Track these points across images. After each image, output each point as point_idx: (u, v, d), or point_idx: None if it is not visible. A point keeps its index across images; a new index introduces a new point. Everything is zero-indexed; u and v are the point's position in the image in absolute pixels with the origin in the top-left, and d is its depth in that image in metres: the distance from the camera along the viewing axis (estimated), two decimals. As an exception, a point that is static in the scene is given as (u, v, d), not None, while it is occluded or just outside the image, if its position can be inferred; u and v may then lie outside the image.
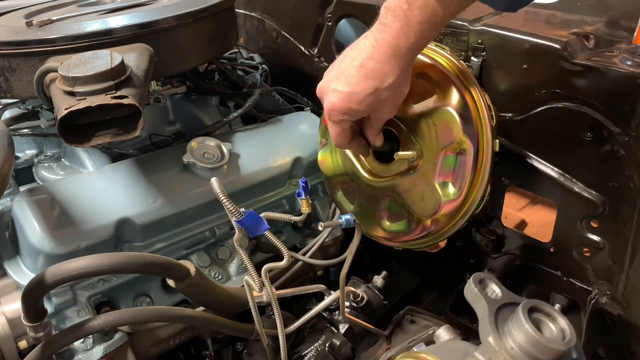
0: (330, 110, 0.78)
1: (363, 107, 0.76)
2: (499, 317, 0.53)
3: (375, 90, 0.74)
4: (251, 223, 0.77)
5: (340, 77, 0.76)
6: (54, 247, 0.84)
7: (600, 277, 0.84)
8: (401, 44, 0.71)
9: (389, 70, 0.73)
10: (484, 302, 0.54)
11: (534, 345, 0.49)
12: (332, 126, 0.81)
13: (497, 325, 0.52)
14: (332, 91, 0.77)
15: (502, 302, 0.54)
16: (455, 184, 0.85)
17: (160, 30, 0.94)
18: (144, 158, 1.02)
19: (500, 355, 0.50)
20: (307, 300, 1.13)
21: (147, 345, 0.93)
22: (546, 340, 0.48)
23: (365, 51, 0.74)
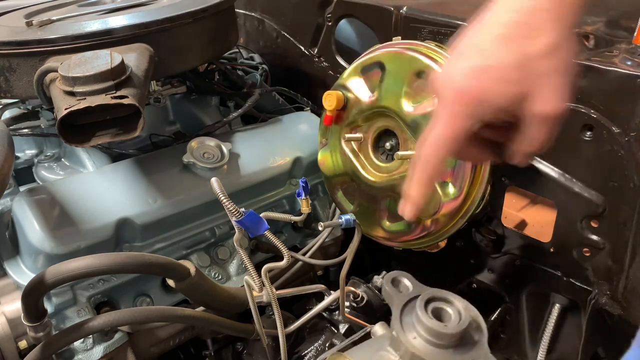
0: (457, 97, 0.53)
1: (508, 87, 0.51)
2: (406, 310, 0.56)
3: (525, 57, 0.50)
4: (251, 223, 0.77)
5: (469, 49, 0.54)
6: (54, 247, 0.84)
7: (600, 277, 0.84)
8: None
9: (545, 25, 0.50)
10: (392, 299, 0.57)
11: (429, 332, 0.52)
12: (448, 123, 0.54)
13: (403, 319, 0.55)
14: (458, 69, 0.54)
15: (410, 296, 0.57)
16: (455, 184, 0.85)
17: (160, 30, 0.94)
18: (144, 158, 1.02)
19: (402, 346, 0.53)
20: (307, 300, 1.13)
21: (147, 345, 0.93)
22: (439, 326, 0.51)
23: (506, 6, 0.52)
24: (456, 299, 0.55)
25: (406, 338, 0.53)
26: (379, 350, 0.56)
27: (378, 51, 0.94)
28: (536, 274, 0.93)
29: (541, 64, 0.51)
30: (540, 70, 0.51)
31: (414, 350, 0.51)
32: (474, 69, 0.52)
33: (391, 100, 0.90)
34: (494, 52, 0.52)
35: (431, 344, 0.52)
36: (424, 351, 0.51)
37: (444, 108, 0.55)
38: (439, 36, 0.93)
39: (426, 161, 0.57)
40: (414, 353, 0.51)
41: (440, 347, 0.51)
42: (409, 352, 0.52)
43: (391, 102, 0.90)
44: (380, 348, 0.56)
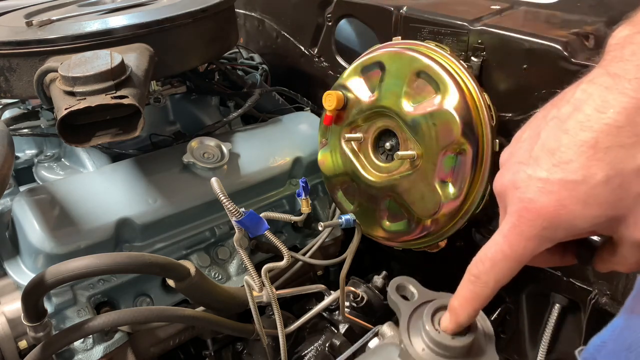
0: (523, 213, 0.43)
1: (597, 210, 0.41)
2: (414, 319, 0.54)
3: (622, 173, 0.39)
4: (251, 223, 0.77)
5: (544, 156, 0.42)
6: (54, 247, 0.84)
7: (600, 277, 0.84)
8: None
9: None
10: (399, 307, 0.55)
11: (437, 345, 0.51)
12: (512, 243, 0.45)
13: (410, 328, 0.53)
14: (530, 180, 0.43)
15: (417, 303, 0.56)
16: (455, 184, 0.85)
17: (160, 30, 0.94)
18: (144, 158, 1.02)
19: (411, 358, 0.51)
20: (307, 300, 1.13)
21: (147, 345, 0.93)
22: (446, 339, 0.50)
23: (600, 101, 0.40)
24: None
25: (415, 351, 0.52)
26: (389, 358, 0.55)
27: (378, 51, 0.94)
28: (536, 274, 0.93)
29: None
30: (639, 191, 0.40)
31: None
32: (553, 184, 0.41)
33: (391, 100, 0.90)
34: (580, 165, 0.40)
35: (440, 356, 0.51)
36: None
37: (510, 224, 0.45)
38: (439, 36, 0.93)
39: (476, 278, 0.48)
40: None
41: (449, 357, 0.51)
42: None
43: (391, 102, 0.90)
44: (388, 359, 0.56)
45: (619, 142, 0.39)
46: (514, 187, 0.44)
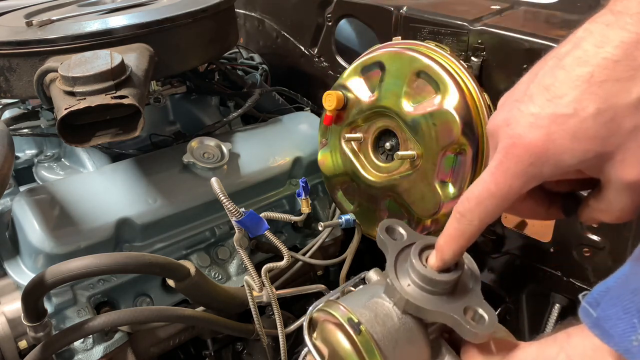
0: (510, 149, 0.42)
1: (586, 144, 0.40)
2: (401, 258, 0.55)
3: (614, 107, 0.38)
4: (251, 223, 0.77)
5: (538, 91, 0.42)
6: (54, 247, 0.84)
7: (600, 277, 0.84)
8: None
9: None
10: (387, 247, 0.56)
11: (422, 279, 0.51)
12: (496, 180, 0.44)
13: (397, 266, 0.54)
14: (522, 116, 0.42)
15: (405, 243, 0.56)
16: (455, 184, 0.85)
17: (160, 30, 0.94)
18: (144, 158, 1.02)
19: (397, 292, 0.52)
20: (307, 300, 1.13)
21: (147, 345, 0.93)
22: (432, 273, 0.51)
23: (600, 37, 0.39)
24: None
25: (400, 285, 0.52)
26: (373, 297, 0.56)
27: (378, 51, 0.94)
28: (536, 274, 0.93)
29: (634, 118, 0.38)
30: (631, 127, 0.38)
31: (408, 297, 0.51)
32: (544, 118, 0.40)
33: (391, 100, 0.90)
34: (573, 98, 0.39)
35: (425, 291, 0.51)
36: (417, 298, 0.51)
37: (497, 161, 0.43)
38: (439, 36, 0.93)
39: (461, 216, 0.47)
40: (408, 300, 0.51)
41: (434, 293, 0.51)
42: (403, 299, 0.52)
43: (391, 102, 0.90)
44: (374, 295, 0.56)
45: (615, 76, 0.38)
46: (505, 124, 0.43)
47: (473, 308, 0.50)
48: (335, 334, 0.54)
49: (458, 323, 0.49)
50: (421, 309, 0.51)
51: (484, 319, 0.49)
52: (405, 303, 0.52)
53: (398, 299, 0.53)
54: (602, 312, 0.40)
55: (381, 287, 0.57)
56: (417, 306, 0.51)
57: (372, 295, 0.56)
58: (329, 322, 0.56)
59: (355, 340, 0.52)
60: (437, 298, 0.51)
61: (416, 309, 0.51)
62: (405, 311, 0.53)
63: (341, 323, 0.53)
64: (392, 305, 0.54)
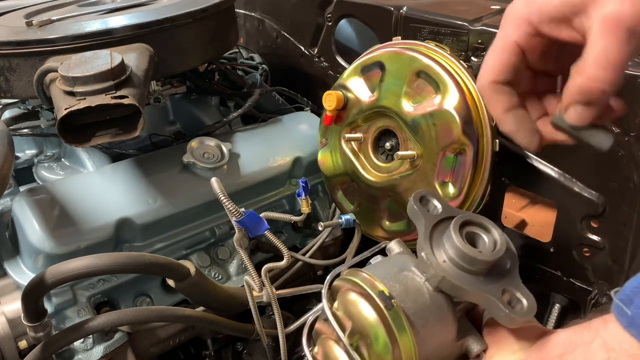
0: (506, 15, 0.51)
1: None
2: (436, 232, 0.52)
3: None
4: (251, 223, 0.77)
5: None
6: (54, 247, 0.84)
7: (600, 277, 0.84)
8: None
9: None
10: (421, 217, 0.53)
11: (462, 257, 0.49)
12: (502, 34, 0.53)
13: (432, 240, 0.51)
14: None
15: (440, 217, 0.53)
16: (455, 184, 0.85)
17: (160, 30, 0.94)
18: (144, 158, 1.02)
19: (431, 268, 0.50)
20: (307, 300, 1.13)
21: (147, 345, 0.93)
22: (472, 252, 0.48)
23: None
24: (491, 225, 0.52)
25: (436, 261, 0.49)
26: (402, 269, 0.52)
27: (378, 51, 0.94)
28: (536, 274, 0.93)
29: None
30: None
31: (445, 274, 0.48)
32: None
33: (391, 100, 0.90)
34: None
35: (462, 269, 0.49)
36: (454, 276, 0.48)
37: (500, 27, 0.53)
38: (439, 36, 0.93)
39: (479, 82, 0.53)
40: (444, 277, 0.48)
41: (471, 272, 0.49)
42: (438, 275, 0.49)
43: (391, 102, 0.90)
44: (403, 267, 0.52)
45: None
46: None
47: (511, 291, 0.48)
48: (361, 306, 0.51)
49: (495, 306, 0.47)
50: (457, 288, 0.48)
51: (522, 304, 0.47)
52: (440, 280, 0.49)
53: (432, 275, 0.50)
54: (637, 309, 0.40)
55: (409, 259, 0.54)
56: (454, 284, 0.48)
57: (401, 267, 0.53)
58: (354, 293, 0.52)
59: (386, 315, 0.48)
60: (474, 277, 0.49)
61: (451, 287, 0.49)
62: (438, 288, 0.50)
63: (370, 295, 0.50)
64: (424, 281, 0.51)
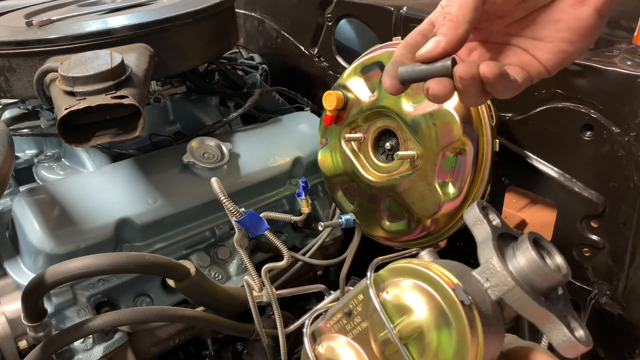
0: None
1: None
2: (499, 243, 0.52)
3: None
4: (251, 223, 0.77)
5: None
6: (54, 247, 0.84)
7: (600, 277, 0.84)
8: None
9: None
10: (487, 226, 0.52)
11: (536, 271, 0.48)
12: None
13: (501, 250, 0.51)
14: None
15: (501, 230, 0.53)
16: (455, 184, 0.85)
17: (160, 30, 0.94)
18: (144, 158, 1.02)
19: (500, 276, 0.48)
20: (307, 300, 1.13)
21: (147, 345, 0.93)
22: (549, 267, 0.48)
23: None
24: (556, 250, 0.52)
25: (509, 269, 0.48)
26: (464, 272, 0.50)
27: (378, 51, 0.94)
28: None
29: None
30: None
31: (518, 284, 0.46)
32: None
33: (391, 100, 0.90)
34: None
35: (529, 285, 0.47)
36: (524, 288, 0.47)
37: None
38: (439, 36, 0.93)
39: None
40: (515, 287, 0.47)
41: (536, 290, 0.47)
42: (507, 284, 0.47)
43: (391, 102, 0.90)
44: (464, 271, 0.51)
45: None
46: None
47: (569, 319, 0.48)
48: (428, 299, 0.48)
49: (557, 328, 0.46)
50: (524, 301, 0.47)
51: (580, 332, 0.47)
52: (508, 289, 0.47)
53: (499, 284, 0.48)
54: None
55: (464, 265, 0.52)
56: (522, 297, 0.47)
57: (462, 269, 0.51)
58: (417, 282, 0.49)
59: (461, 310, 0.46)
60: (538, 296, 0.48)
61: (518, 300, 0.47)
62: (499, 299, 0.48)
63: (443, 288, 0.47)
64: (486, 288, 0.49)
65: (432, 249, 0.59)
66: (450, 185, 0.85)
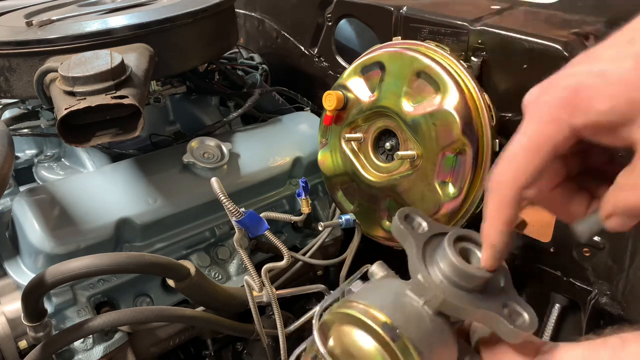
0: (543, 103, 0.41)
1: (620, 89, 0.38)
2: (427, 251, 0.50)
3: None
4: (251, 223, 0.77)
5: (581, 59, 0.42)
6: (54, 247, 0.84)
7: (600, 277, 0.84)
8: None
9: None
10: (410, 237, 0.51)
11: (460, 275, 0.47)
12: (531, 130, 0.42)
13: (426, 259, 0.49)
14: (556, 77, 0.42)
15: (429, 234, 0.51)
16: (455, 184, 0.85)
17: (160, 30, 0.94)
18: (144, 158, 1.02)
19: (430, 290, 0.47)
20: (307, 300, 1.13)
21: (147, 345, 0.93)
22: (471, 269, 0.46)
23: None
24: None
25: (435, 282, 0.47)
26: (397, 295, 0.49)
27: (378, 51, 0.94)
28: (536, 274, 0.93)
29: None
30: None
31: (445, 296, 0.46)
32: (579, 71, 0.40)
33: (391, 100, 0.90)
34: (613, 57, 0.39)
35: (460, 288, 0.46)
36: (454, 296, 0.46)
37: (528, 117, 0.42)
38: (439, 36, 0.93)
39: (497, 184, 0.43)
40: (445, 299, 0.46)
41: (469, 290, 0.47)
42: (438, 297, 0.46)
43: (391, 102, 0.90)
44: (397, 293, 0.49)
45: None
46: (546, 86, 0.42)
47: (511, 305, 0.47)
48: (362, 341, 0.48)
49: (498, 322, 0.45)
50: (459, 308, 0.46)
51: (523, 317, 0.46)
52: (441, 302, 0.47)
53: (432, 298, 0.47)
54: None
55: (400, 283, 0.51)
56: (456, 305, 0.46)
57: (395, 293, 0.50)
58: (351, 327, 0.49)
59: (393, 347, 0.46)
60: (473, 295, 0.47)
61: (453, 308, 0.47)
62: (437, 311, 0.48)
63: (372, 328, 0.47)
64: (422, 305, 0.48)
65: (382, 262, 0.58)
66: (450, 185, 0.85)
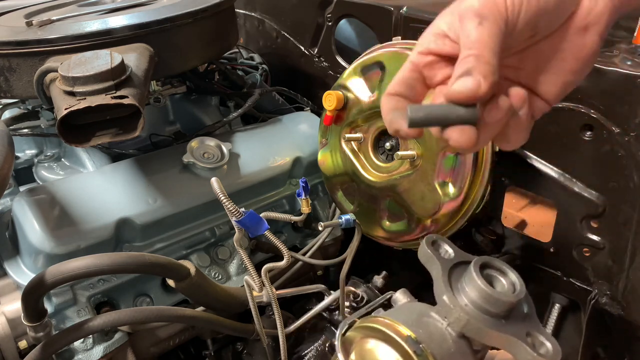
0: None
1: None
2: (452, 276, 0.52)
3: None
4: (251, 223, 0.77)
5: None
6: (54, 247, 0.84)
7: (600, 277, 0.84)
8: None
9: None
10: (437, 262, 0.53)
11: (485, 299, 0.48)
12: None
13: (451, 284, 0.51)
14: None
15: (454, 261, 0.54)
16: (455, 184, 0.85)
17: (160, 30, 0.94)
18: (144, 158, 1.02)
19: (455, 312, 0.49)
20: (307, 300, 1.13)
21: (147, 345, 0.93)
22: (497, 293, 0.48)
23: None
24: (509, 268, 0.52)
25: (460, 304, 0.48)
26: (422, 315, 0.51)
27: (378, 51, 0.94)
28: (536, 274, 0.93)
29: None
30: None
31: (470, 318, 0.47)
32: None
33: (391, 100, 0.90)
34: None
35: (485, 312, 0.48)
36: (478, 319, 0.47)
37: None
38: (439, 36, 0.93)
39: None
40: (469, 320, 0.47)
41: (493, 316, 0.48)
42: (462, 319, 0.48)
43: (391, 102, 0.90)
44: (422, 313, 0.51)
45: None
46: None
47: (534, 335, 0.48)
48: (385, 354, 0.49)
49: (521, 349, 0.46)
50: (483, 331, 0.48)
51: (546, 347, 0.47)
52: (465, 324, 0.48)
53: (456, 319, 0.49)
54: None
55: (424, 305, 0.53)
56: (480, 327, 0.47)
57: (419, 313, 0.52)
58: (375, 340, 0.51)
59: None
60: (497, 320, 0.48)
61: (477, 331, 0.48)
62: (461, 333, 0.49)
63: (396, 341, 0.49)
64: (446, 326, 0.50)
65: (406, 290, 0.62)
66: (450, 185, 0.85)
